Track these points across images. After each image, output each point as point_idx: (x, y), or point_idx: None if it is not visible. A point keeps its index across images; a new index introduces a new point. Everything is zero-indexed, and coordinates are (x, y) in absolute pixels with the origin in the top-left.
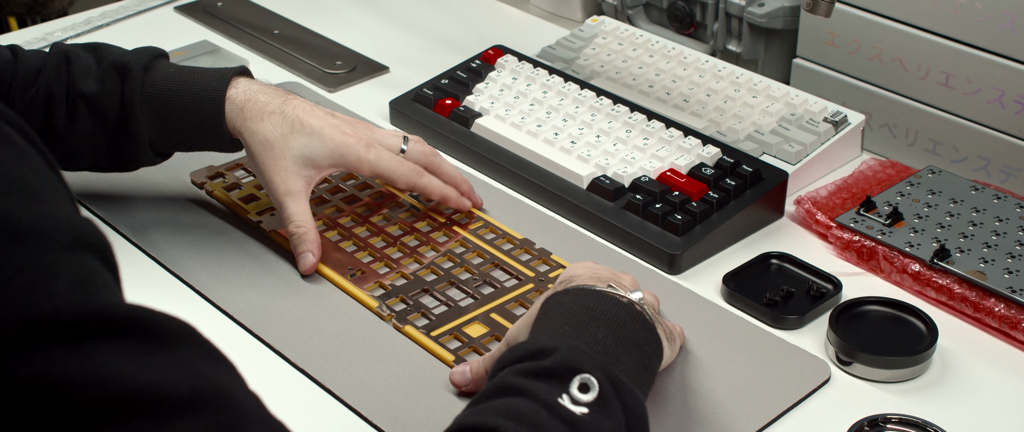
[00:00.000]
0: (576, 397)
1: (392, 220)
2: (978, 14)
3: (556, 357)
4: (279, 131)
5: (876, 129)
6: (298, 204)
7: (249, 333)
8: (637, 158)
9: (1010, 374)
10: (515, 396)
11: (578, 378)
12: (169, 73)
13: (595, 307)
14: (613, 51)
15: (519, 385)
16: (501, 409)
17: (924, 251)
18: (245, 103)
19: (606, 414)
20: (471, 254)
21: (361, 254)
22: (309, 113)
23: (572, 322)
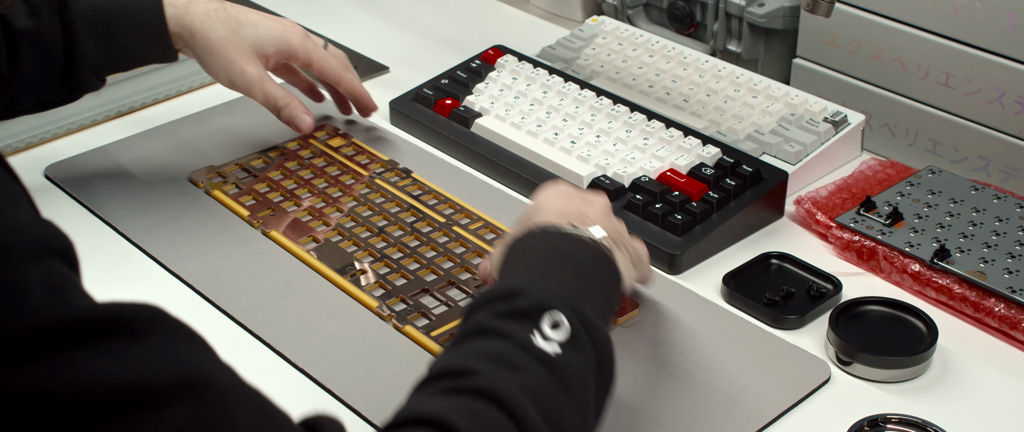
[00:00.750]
0: (548, 335)
1: (392, 221)
2: (978, 14)
3: (527, 297)
4: (230, 26)
5: (876, 129)
6: (271, 84)
7: (249, 333)
8: (637, 158)
9: (1010, 374)
10: (490, 337)
11: (549, 317)
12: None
13: (561, 248)
14: (613, 51)
15: (494, 326)
16: (478, 351)
17: (924, 251)
18: (188, 4)
19: (577, 351)
20: (471, 254)
21: (361, 254)
22: (246, 10)
23: (539, 264)
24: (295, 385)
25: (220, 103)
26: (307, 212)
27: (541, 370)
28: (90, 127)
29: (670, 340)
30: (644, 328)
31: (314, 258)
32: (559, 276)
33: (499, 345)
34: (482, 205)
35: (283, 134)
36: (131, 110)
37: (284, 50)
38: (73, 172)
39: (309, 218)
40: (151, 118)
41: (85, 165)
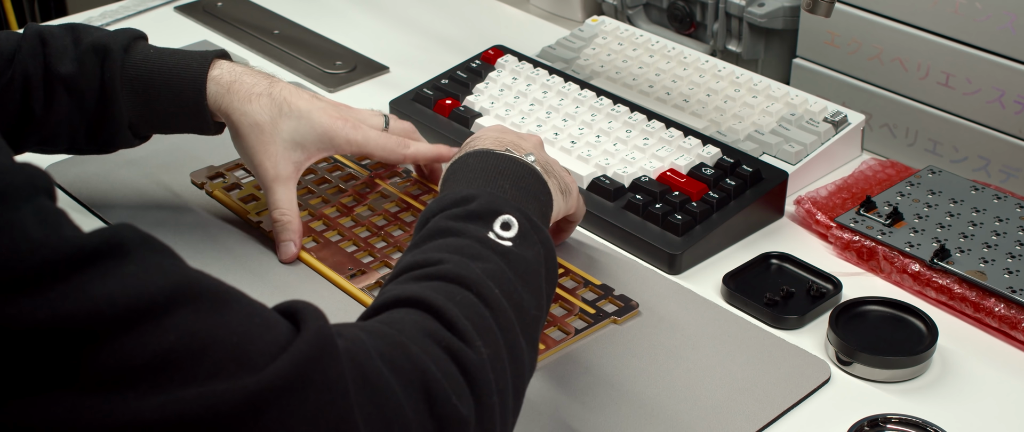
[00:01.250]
0: (500, 234)
1: (392, 221)
2: (978, 14)
3: (479, 202)
4: (268, 114)
5: (876, 129)
6: (285, 191)
7: None
8: (637, 158)
9: (1010, 374)
10: (449, 236)
11: (500, 218)
12: (149, 54)
13: (497, 165)
14: (613, 51)
15: (451, 227)
16: (440, 246)
17: (924, 251)
18: (231, 84)
19: (528, 245)
20: None
21: (360, 254)
22: (296, 95)
23: (480, 178)
24: None
25: None
26: (307, 212)
27: (499, 260)
28: None
29: (670, 340)
30: (644, 328)
31: (313, 258)
32: (501, 187)
33: (459, 241)
34: None
35: None
36: None
37: (326, 145)
38: (73, 172)
39: (309, 218)
40: None
41: (85, 165)
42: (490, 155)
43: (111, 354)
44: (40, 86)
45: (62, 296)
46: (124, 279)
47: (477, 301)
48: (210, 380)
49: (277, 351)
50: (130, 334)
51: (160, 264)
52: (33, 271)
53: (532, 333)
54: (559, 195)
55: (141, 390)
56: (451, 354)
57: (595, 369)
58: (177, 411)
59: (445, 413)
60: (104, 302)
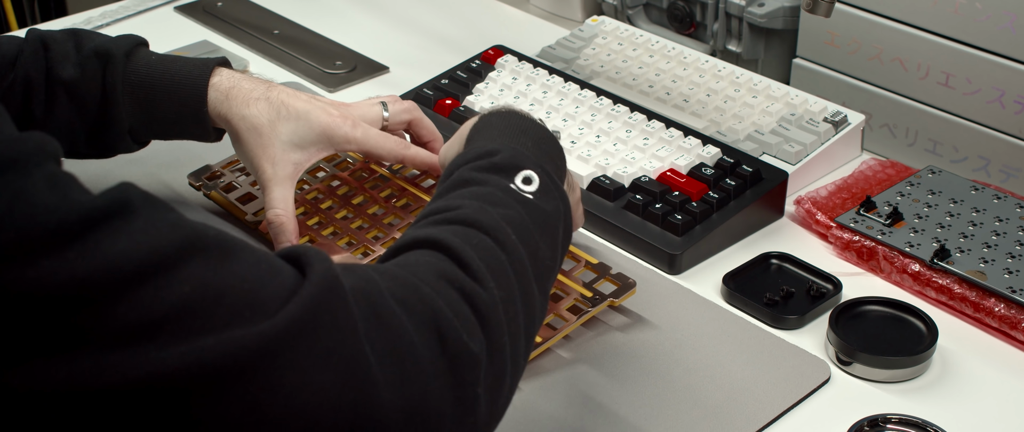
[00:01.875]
0: (521, 187)
1: (388, 210)
2: (978, 14)
3: (502, 155)
4: (266, 116)
5: (876, 129)
6: (283, 191)
7: None
8: (637, 158)
9: (1010, 374)
10: (472, 185)
11: (522, 173)
12: (151, 61)
13: (521, 124)
14: (613, 51)
15: (474, 177)
16: (462, 194)
17: (924, 251)
18: (230, 90)
19: (548, 199)
20: None
21: (357, 252)
22: (294, 97)
23: (504, 134)
24: None
25: None
26: (303, 208)
27: (519, 208)
28: None
29: (670, 340)
30: (644, 328)
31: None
32: (524, 144)
33: (481, 190)
34: None
35: None
36: None
37: (325, 145)
38: (72, 172)
39: (305, 214)
40: None
41: (85, 165)
42: (513, 115)
43: (131, 309)
44: (41, 90)
45: (79, 257)
46: (135, 236)
47: (493, 245)
48: (227, 327)
49: (287, 294)
50: (147, 287)
51: (166, 219)
52: (50, 235)
53: (545, 281)
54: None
55: (161, 341)
56: (464, 294)
57: (595, 369)
58: (198, 359)
59: (457, 350)
60: (121, 258)
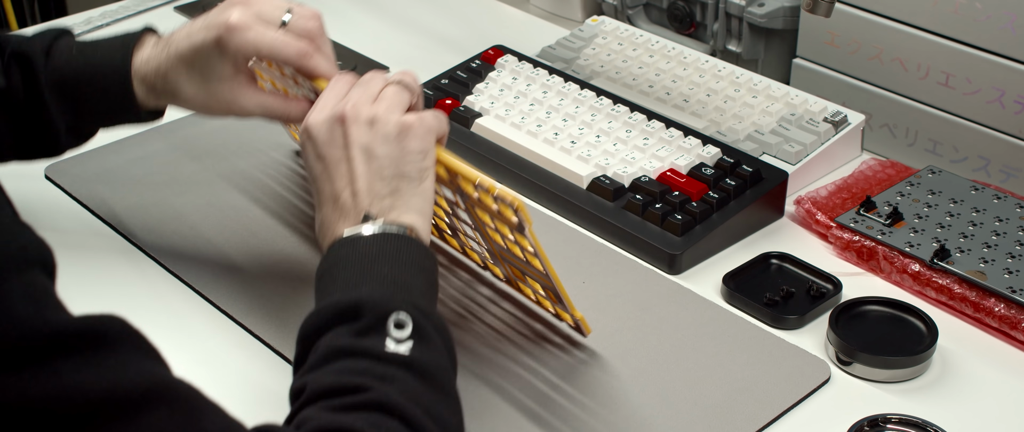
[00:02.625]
0: (397, 337)
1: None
2: (978, 14)
3: (368, 310)
4: (186, 77)
5: (876, 129)
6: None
7: (249, 333)
8: (637, 158)
9: (1010, 374)
10: (351, 357)
11: (392, 319)
12: (72, 54)
13: (368, 250)
14: (613, 51)
15: (347, 346)
16: (349, 370)
17: (924, 251)
18: (148, 71)
19: (427, 343)
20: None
21: None
22: (185, 41)
23: (357, 271)
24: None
25: None
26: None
27: (407, 375)
28: None
29: (670, 340)
30: (644, 328)
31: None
32: (379, 275)
33: (363, 363)
34: None
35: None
36: None
37: (236, 60)
38: (73, 172)
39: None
40: None
41: (85, 165)
42: (358, 241)
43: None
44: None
45: (33, 378)
46: (102, 371)
47: (405, 428)
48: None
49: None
50: (98, 428)
51: (143, 362)
52: (9, 348)
53: (456, 419)
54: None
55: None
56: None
57: (595, 369)
58: None
59: None
60: (75, 391)
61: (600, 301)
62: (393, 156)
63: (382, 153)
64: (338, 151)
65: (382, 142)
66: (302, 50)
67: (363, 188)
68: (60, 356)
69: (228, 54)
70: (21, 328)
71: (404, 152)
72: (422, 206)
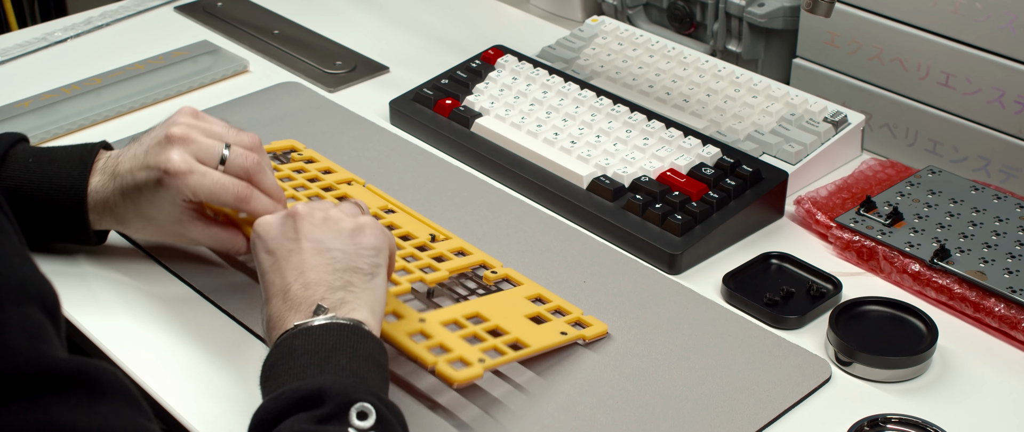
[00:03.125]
0: (360, 427)
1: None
2: (978, 14)
3: (331, 397)
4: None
5: (876, 129)
6: (214, 233)
7: (249, 333)
8: (637, 158)
9: (1010, 374)
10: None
11: (355, 409)
12: (28, 163)
13: (326, 339)
14: (613, 51)
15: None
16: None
17: (924, 251)
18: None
19: (388, 430)
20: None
21: None
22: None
23: (316, 360)
24: None
25: (218, 103)
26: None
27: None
28: (90, 127)
29: (670, 340)
30: (644, 328)
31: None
32: (338, 365)
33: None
34: (481, 205)
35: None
36: (131, 110)
37: (175, 205)
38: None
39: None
40: (151, 118)
41: None
42: (313, 332)
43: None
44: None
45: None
46: (92, 416)
47: None
48: None
49: None
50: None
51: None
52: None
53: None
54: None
55: None
56: None
57: (595, 369)
58: None
59: None
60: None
61: (600, 301)
62: (346, 250)
63: (335, 246)
64: (289, 243)
65: (334, 236)
66: (240, 195)
67: (314, 279)
68: (52, 394)
69: (170, 195)
70: (15, 359)
71: (357, 247)
72: (373, 302)
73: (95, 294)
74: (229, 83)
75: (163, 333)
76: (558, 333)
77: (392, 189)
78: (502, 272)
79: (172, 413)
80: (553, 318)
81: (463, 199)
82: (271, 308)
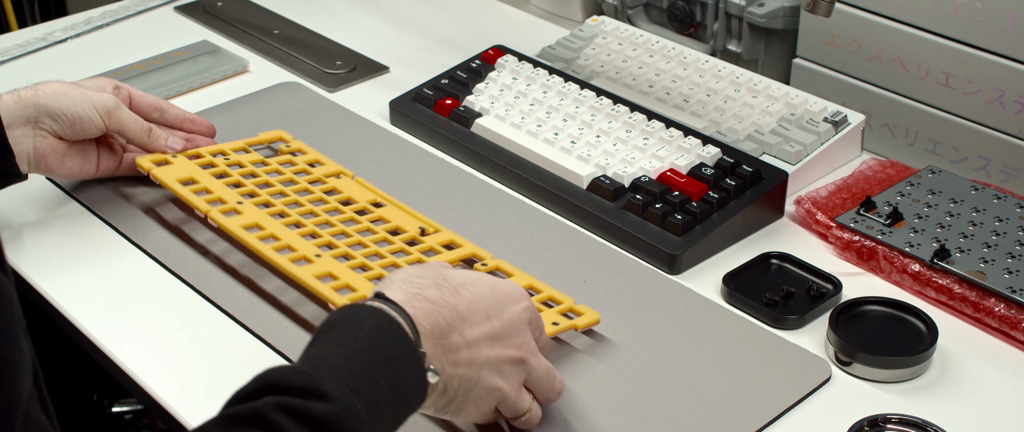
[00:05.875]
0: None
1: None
2: (978, 14)
3: (329, 409)
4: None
5: (876, 129)
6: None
7: (249, 332)
8: (637, 158)
9: (1010, 374)
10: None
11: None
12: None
13: (391, 348)
14: (613, 51)
15: (278, 424)
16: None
17: (924, 251)
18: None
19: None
20: None
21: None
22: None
23: (362, 358)
24: None
25: (218, 104)
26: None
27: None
28: None
29: (670, 340)
30: (644, 328)
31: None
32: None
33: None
34: (481, 205)
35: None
36: None
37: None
38: None
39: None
40: None
41: None
42: (391, 330)
43: None
44: None
45: None
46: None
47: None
48: None
49: None
50: None
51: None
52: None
53: None
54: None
55: None
56: None
57: (595, 369)
58: None
59: None
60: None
61: (600, 301)
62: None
63: (497, 354)
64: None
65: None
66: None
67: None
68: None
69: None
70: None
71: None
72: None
73: (94, 294)
74: (229, 83)
75: (163, 333)
76: (550, 324)
77: (392, 189)
78: (492, 264)
79: (172, 413)
80: (544, 308)
81: (463, 199)
82: (425, 285)
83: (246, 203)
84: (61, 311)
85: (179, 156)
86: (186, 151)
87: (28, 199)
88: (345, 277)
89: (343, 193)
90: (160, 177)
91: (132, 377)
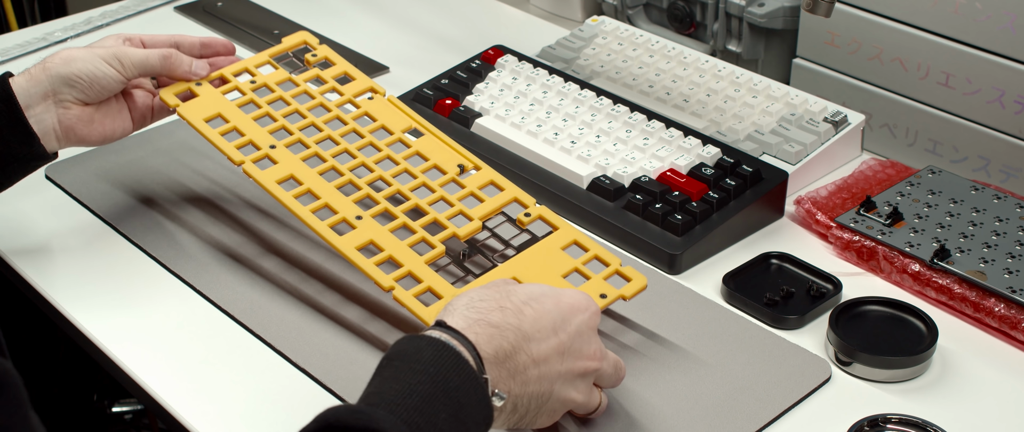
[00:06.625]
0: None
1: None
2: (978, 14)
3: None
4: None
5: (876, 129)
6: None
7: (249, 332)
8: (637, 158)
9: (1010, 374)
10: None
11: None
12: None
13: (450, 379)
14: (613, 51)
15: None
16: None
17: (924, 251)
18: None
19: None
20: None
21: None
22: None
23: (421, 392)
24: (295, 385)
25: None
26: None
27: None
28: None
29: (670, 340)
30: (644, 328)
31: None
32: (432, 416)
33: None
34: None
35: None
36: None
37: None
38: (73, 172)
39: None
40: None
41: (85, 165)
42: (451, 362)
43: None
44: None
45: None
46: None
47: None
48: None
49: None
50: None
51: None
52: None
53: None
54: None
55: None
56: None
57: None
58: None
59: None
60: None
61: None
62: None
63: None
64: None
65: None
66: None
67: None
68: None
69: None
70: None
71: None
72: (545, 416)
73: (94, 294)
74: None
75: (163, 333)
76: (598, 296)
77: None
78: (536, 212)
79: (172, 413)
80: (591, 274)
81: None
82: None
83: (279, 146)
84: (61, 311)
85: (204, 83)
86: (210, 76)
87: (28, 199)
88: (388, 247)
89: (378, 121)
90: (187, 116)
91: (132, 377)
